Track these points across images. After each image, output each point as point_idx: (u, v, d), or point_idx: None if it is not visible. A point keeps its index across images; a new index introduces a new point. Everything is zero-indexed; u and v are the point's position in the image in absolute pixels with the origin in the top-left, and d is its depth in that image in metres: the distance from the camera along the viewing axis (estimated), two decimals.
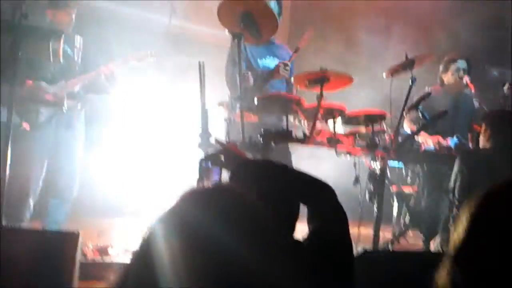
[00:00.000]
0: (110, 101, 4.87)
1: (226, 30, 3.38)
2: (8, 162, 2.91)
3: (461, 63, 4.39)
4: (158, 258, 0.95)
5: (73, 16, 3.91)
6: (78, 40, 3.96)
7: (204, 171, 1.61)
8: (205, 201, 1.02)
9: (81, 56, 3.98)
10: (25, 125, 3.63)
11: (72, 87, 3.88)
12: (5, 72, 3.06)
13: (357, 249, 3.43)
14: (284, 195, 1.36)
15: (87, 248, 3.46)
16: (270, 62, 3.84)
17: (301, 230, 1.32)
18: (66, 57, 3.73)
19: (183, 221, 0.98)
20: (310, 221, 1.35)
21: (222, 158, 1.66)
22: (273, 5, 3.68)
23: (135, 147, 5.29)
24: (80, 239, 2.55)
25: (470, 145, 3.87)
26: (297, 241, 1.25)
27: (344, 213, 1.36)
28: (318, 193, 1.39)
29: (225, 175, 1.61)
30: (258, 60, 3.81)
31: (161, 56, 5.03)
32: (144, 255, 0.98)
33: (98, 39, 4.55)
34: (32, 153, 3.76)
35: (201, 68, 3.12)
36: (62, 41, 3.74)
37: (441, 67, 4.49)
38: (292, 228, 1.36)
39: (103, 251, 3.51)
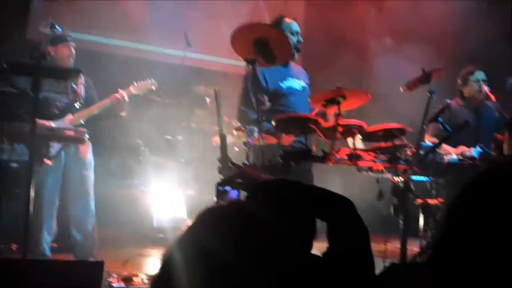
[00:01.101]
0: (131, 131, 5.01)
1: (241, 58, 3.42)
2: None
3: (479, 74, 4.41)
4: (177, 279, 0.96)
5: (73, 49, 4.12)
6: (82, 76, 4.17)
7: (221, 195, 1.61)
8: (219, 219, 1.02)
9: (84, 91, 4.17)
10: (46, 161, 3.71)
11: (79, 120, 4.06)
12: (22, 111, 3.17)
13: (385, 264, 3.37)
14: (300, 212, 1.33)
15: (112, 277, 3.49)
16: (293, 83, 3.88)
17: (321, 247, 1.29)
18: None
19: (198, 241, 0.99)
20: (329, 237, 1.31)
21: (239, 180, 1.66)
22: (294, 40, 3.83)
23: (158, 175, 5.37)
24: (105, 269, 2.57)
25: (494, 154, 3.82)
26: (316, 257, 1.22)
27: (365, 227, 1.31)
28: (336, 208, 1.34)
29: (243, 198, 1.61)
30: (280, 83, 3.83)
31: (178, 86, 5.13)
32: (164, 277, 0.99)
33: (110, 73, 4.73)
34: (44, 187, 3.88)
35: (217, 95, 3.16)
36: (82, 79, 3.89)
37: (459, 80, 4.53)
38: (310, 245, 1.33)
39: (128, 279, 3.55)
